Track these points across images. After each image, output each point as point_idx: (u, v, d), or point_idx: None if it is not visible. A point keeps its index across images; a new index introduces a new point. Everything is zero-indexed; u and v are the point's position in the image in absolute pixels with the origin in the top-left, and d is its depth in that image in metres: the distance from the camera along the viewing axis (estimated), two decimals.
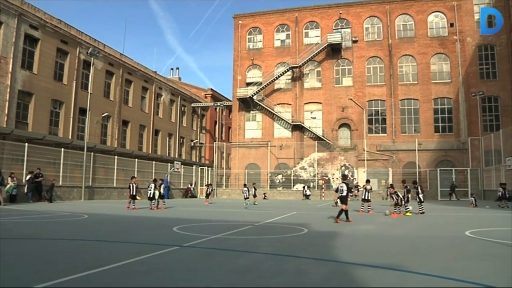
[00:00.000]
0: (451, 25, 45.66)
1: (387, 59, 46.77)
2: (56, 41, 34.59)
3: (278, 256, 7.38)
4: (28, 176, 25.00)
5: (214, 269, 6.12)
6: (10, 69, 30.12)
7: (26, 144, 26.04)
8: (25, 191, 24.72)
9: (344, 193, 14.19)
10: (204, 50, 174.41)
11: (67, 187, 29.02)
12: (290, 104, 49.68)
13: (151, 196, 21.23)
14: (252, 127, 51.00)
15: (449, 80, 45.23)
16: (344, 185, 14.38)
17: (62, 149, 28.93)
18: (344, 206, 14.12)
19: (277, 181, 46.74)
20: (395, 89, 46.14)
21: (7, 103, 29.83)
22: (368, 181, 21.16)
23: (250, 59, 51.71)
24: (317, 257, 7.30)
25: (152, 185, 21.50)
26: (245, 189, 27.76)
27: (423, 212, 18.54)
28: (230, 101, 55.37)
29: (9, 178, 23.40)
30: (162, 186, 22.35)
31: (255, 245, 8.84)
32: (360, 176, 43.43)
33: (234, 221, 14.69)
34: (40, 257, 6.92)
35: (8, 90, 29.92)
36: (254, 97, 49.09)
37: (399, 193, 17.91)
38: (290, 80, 50.01)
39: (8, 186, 23.15)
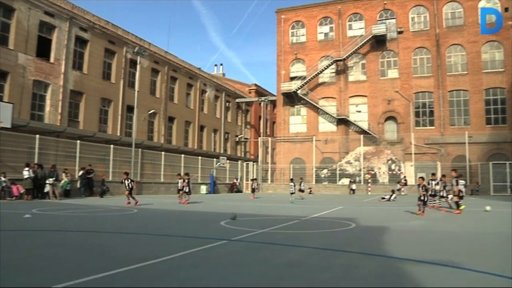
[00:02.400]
0: (506, 10, 43.37)
1: (434, 49, 45.29)
2: (104, 41, 35.63)
3: (326, 250, 7.31)
4: (81, 172, 25.94)
5: (263, 262, 6.12)
6: (63, 70, 31.33)
7: (78, 141, 26.93)
8: (78, 186, 25.64)
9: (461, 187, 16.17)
10: (247, 46, 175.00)
11: (117, 183, 29.78)
12: (334, 98, 49.12)
13: (188, 190, 21.35)
14: (296, 121, 50.80)
15: (502, 69, 43.20)
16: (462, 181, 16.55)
17: (112, 146, 29.76)
18: (455, 199, 16.00)
19: (323, 175, 46.35)
20: (443, 80, 44.66)
21: (60, 102, 31.06)
22: (433, 174, 20.60)
23: (293, 53, 51.45)
24: (366, 251, 7.17)
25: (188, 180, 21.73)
26: (292, 184, 27.69)
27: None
28: (274, 96, 55.31)
29: (63, 174, 24.37)
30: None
31: (302, 240, 8.80)
32: (407, 171, 42.43)
33: (280, 215, 14.68)
34: (95, 249, 7.13)
35: (61, 90, 31.16)
36: (298, 92, 48.86)
37: (428, 188, 16.74)
38: (334, 74, 49.42)
39: (62, 181, 24.11)
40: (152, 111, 40.58)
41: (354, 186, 41.07)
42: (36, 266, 5.57)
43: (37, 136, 23.99)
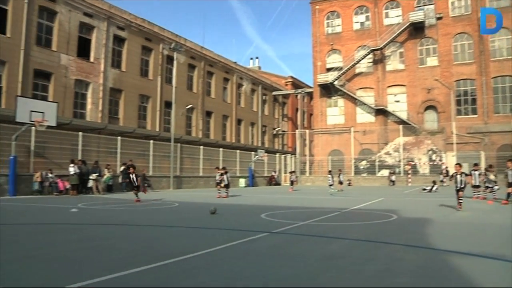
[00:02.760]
0: None
1: (477, 34, 43.47)
2: (141, 39, 36.22)
3: (368, 242, 7.25)
4: (122, 167, 26.56)
5: (305, 255, 6.11)
6: (102, 69, 32.10)
7: (119, 137, 27.56)
8: (120, 181, 26.27)
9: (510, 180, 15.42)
10: (282, 38, 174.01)
11: (157, 177, 30.36)
12: (372, 88, 48.31)
13: (227, 183, 21.28)
14: (334, 113, 50.31)
15: None
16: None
17: (151, 141, 30.26)
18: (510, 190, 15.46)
19: (362, 167, 45.77)
20: (487, 66, 42.99)
21: (101, 100, 31.87)
22: (475, 164, 19.67)
23: (329, 44, 50.83)
24: (409, 243, 7.08)
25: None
26: (330, 176, 27.49)
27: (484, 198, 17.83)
28: (311, 87, 54.87)
29: (106, 170, 25.06)
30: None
31: (344, 232, 8.74)
32: (449, 161, 41.26)
33: (320, 207, 14.61)
34: (139, 242, 7.31)
35: (101, 88, 31.95)
36: (335, 83, 48.32)
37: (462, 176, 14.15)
38: (371, 63, 48.57)
39: (105, 176, 24.80)
40: (190, 106, 41.02)
41: (393, 178, 40.35)
42: (85, 258, 5.75)
43: (80, 133, 24.69)
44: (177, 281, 4.55)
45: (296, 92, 57.06)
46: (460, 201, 13.27)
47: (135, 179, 17.93)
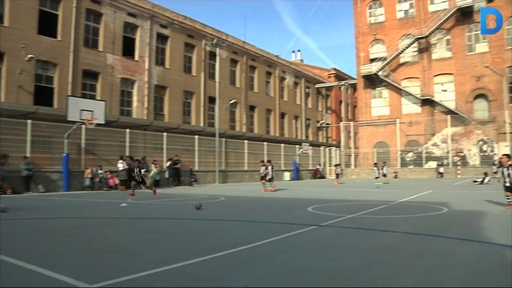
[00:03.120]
0: None
1: None
2: (183, 36, 36.73)
3: (419, 235, 7.09)
4: (168, 163, 27.11)
5: (355, 248, 6.04)
6: (147, 67, 32.82)
7: (165, 133, 28.15)
8: (166, 176, 26.81)
9: None
10: (323, 30, 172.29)
11: (203, 172, 30.81)
12: (418, 78, 47.04)
13: (271, 177, 21.07)
14: (378, 104, 49.38)
15: None
16: None
17: (196, 137, 30.72)
18: None
19: (408, 159, 44.73)
20: None
21: (146, 97, 32.60)
22: None
23: (372, 34, 49.82)
24: (462, 237, 6.86)
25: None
26: (375, 168, 27.11)
27: None
28: (355, 79, 54.09)
29: (153, 165, 25.61)
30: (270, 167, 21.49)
31: (393, 224, 8.59)
32: (501, 152, 39.53)
33: (367, 200, 14.39)
34: (188, 235, 7.44)
35: (146, 86, 32.69)
36: (379, 73, 47.40)
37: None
38: (416, 52, 47.27)
39: (152, 172, 25.32)
40: (233, 100, 41.30)
41: (441, 169, 39.17)
42: (137, 251, 5.89)
43: (127, 130, 25.39)
44: (228, 274, 4.58)
45: (340, 84, 56.39)
46: (509, 200, 11.11)
47: (139, 173, 17.57)
